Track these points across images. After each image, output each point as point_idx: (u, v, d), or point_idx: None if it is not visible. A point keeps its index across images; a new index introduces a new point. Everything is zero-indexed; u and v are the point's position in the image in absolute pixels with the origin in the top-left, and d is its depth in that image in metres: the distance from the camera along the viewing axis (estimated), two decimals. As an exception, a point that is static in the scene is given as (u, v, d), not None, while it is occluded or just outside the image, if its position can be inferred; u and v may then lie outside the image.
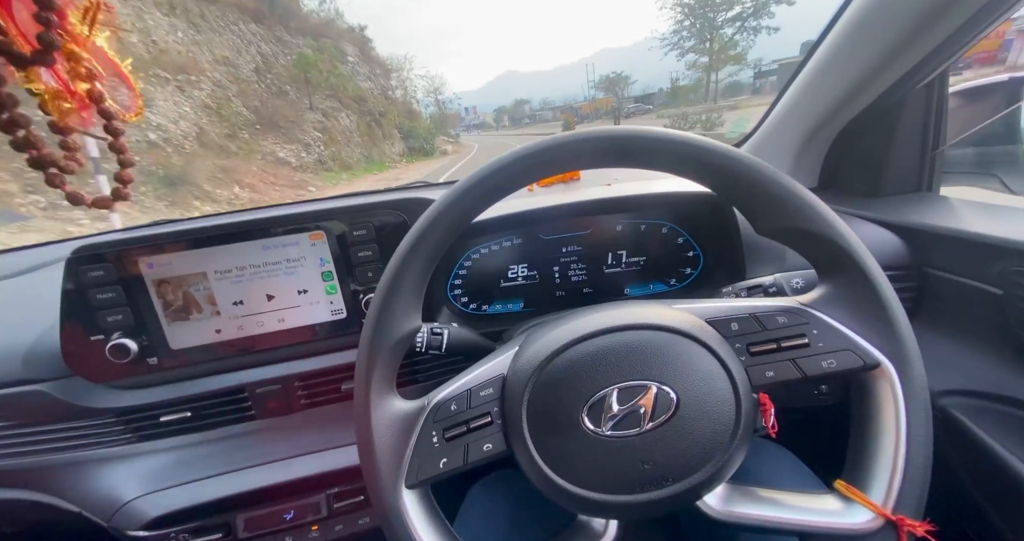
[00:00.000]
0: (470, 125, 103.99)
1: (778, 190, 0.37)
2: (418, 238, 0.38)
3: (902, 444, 0.34)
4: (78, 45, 0.38)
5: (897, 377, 0.34)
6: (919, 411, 0.34)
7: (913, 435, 0.34)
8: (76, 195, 0.39)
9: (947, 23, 0.55)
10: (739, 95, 39.53)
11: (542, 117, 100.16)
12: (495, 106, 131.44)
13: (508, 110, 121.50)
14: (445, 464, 0.36)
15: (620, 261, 0.72)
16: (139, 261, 0.57)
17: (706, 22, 38.74)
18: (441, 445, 0.37)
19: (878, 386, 0.35)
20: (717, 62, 39.29)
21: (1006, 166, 0.68)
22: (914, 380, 0.34)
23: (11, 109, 0.36)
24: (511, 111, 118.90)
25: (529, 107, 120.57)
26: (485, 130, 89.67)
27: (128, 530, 0.56)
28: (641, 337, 0.37)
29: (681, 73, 45.81)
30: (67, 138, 0.39)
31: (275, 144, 13.98)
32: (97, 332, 0.57)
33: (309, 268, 0.62)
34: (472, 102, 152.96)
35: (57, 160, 0.38)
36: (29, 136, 0.37)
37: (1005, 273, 0.53)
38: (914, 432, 0.34)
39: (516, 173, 0.38)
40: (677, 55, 41.68)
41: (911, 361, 0.35)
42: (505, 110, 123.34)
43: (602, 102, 74.82)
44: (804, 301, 0.38)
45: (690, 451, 0.34)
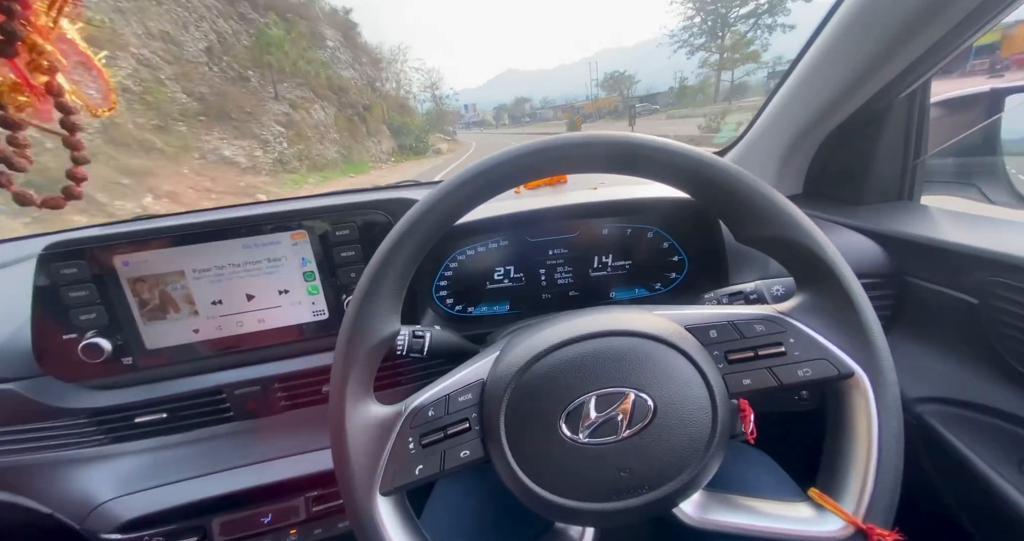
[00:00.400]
0: (469, 123, 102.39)
1: (758, 199, 0.37)
2: (399, 239, 0.37)
3: (873, 453, 0.34)
4: (42, 37, 0.37)
5: (870, 386, 0.35)
6: (891, 421, 0.34)
7: (885, 445, 0.34)
8: (24, 195, 0.38)
9: (929, 34, 0.56)
10: (753, 96, 37.62)
11: (543, 116, 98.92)
12: (495, 104, 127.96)
13: (508, 108, 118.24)
14: (421, 471, 0.35)
15: (606, 265, 0.72)
16: (114, 258, 0.56)
17: (718, 19, 37.35)
18: (417, 451, 0.36)
19: (852, 395, 0.36)
20: (730, 61, 38.05)
21: (985, 176, 0.69)
22: (887, 390, 0.35)
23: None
24: (511, 109, 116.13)
25: (530, 105, 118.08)
26: (485, 128, 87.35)
27: (101, 533, 0.55)
28: (620, 343, 0.37)
29: (691, 72, 44.52)
30: (17, 134, 0.38)
31: (221, 139, 11.50)
32: (70, 331, 0.56)
33: (290, 268, 0.61)
34: (472, 100, 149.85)
35: (8, 157, 0.37)
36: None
37: (981, 283, 0.53)
38: (886, 442, 0.34)
39: (500, 176, 0.38)
40: (687, 53, 40.36)
41: (884, 371, 0.35)
42: (505, 108, 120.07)
43: (605, 101, 73.36)
44: (781, 309, 0.38)
45: (667, 459, 0.34)
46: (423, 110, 44.25)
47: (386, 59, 32.58)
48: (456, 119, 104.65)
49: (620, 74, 75.98)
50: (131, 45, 10.82)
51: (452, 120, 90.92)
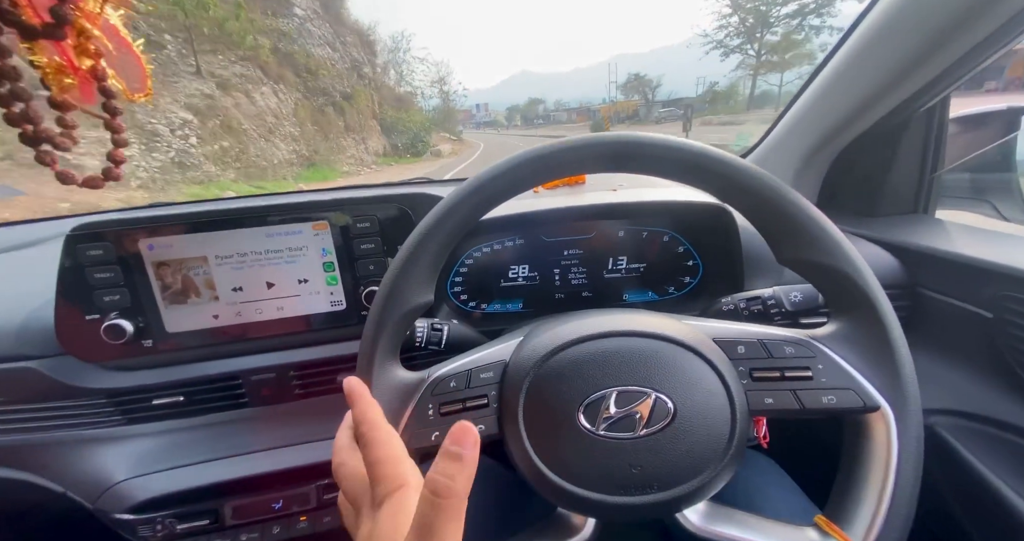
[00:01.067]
0: (480, 122, 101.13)
1: (804, 221, 0.37)
2: (442, 216, 0.39)
3: (888, 491, 0.34)
4: (90, 22, 0.38)
5: (895, 423, 0.35)
6: (910, 460, 0.34)
7: (901, 483, 0.34)
8: (66, 174, 0.39)
9: (951, 50, 0.57)
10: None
11: (556, 118, 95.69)
12: (508, 105, 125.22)
13: (521, 109, 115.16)
14: (436, 437, 0.37)
15: (620, 267, 0.73)
16: (140, 242, 0.57)
17: (758, 18, 33.47)
18: (436, 419, 0.37)
19: (874, 429, 0.36)
20: (769, 64, 34.77)
21: (1000, 193, 0.70)
22: (911, 429, 0.35)
23: (13, 82, 0.35)
24: (524, 110, 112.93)
25: (543, 107, 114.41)
26: (495, 128, 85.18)
27: (113, 513, 0.56)
28: (647, 345, 0.38)
29: (721, 76, 41.24)
30: (65, 115, 0.38)
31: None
32: (93, 311, 0.56)
33: (311, 258, 0.62)
34: (485, 100, 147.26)
35: (53, 137, 0.38)
36: (28, 110, 0.36)
37: (996, 297, 0.54)
38: (902, 480, 0.34)
39: (555, 164, 0.39)
40: (720, 55, 36.77)
41: (911, 409, 0.35)
42: (518, 109, 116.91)
43: (624, 105, 68.96)
44: (814, 335, 0.38)
45: (680, 462, 0.34)
46: (430, 107, 40.40)
47: (386, 46, 29.25)
48: (467, 118, 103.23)
49: (641, 76, 70.42)
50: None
51: (463, 119, 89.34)
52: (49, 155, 0.37)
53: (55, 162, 0.38)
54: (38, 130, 0.36)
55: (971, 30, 0.53)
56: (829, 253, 0.37)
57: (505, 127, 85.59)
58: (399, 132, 20.87)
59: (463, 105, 45.06)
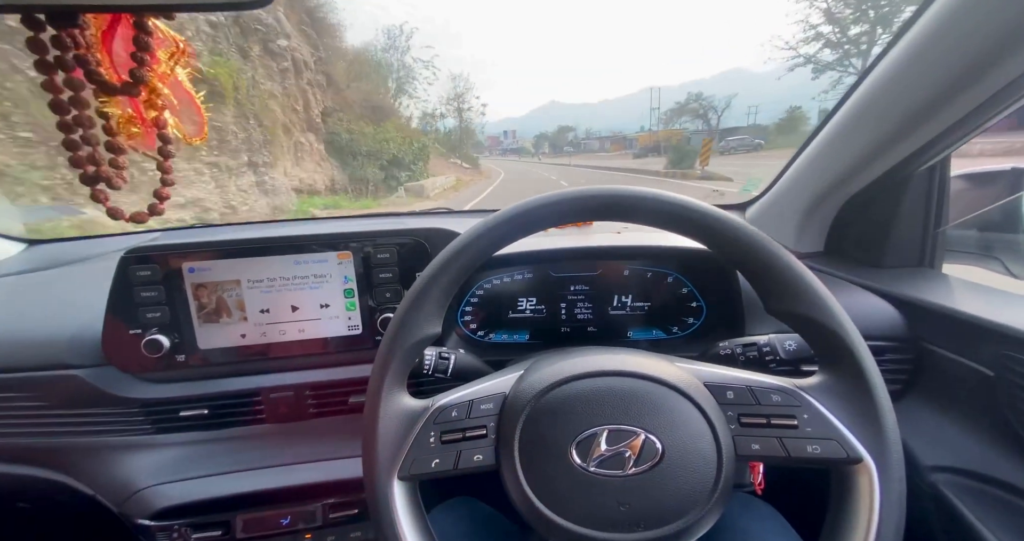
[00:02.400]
0: (507, 149, 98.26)
1: (791, 276, 0.39)
2: (454, 254, 0.42)
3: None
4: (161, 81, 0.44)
5: (877, 477, 0.36)
6: (892, 514, 0.35)
7: (883, 536, 0.35)
8: (116, 210, 0.44)
9: (952, 111, 0.59)
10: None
11: (587, 146, 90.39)
12: (537, 133, 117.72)
13: (550, 137, 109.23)
14: (436, 465, 0.39)
15: (625, 304, 0.75)
16: (183, 265, 0.63)
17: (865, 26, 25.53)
18: (437, 446, 0.39)
19: (858, 481, 0.37)
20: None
21: (1009, 251, 0.71)
22: (892, 482, 0.36)
23: (87, 129, 0.41)
24: (553, 138, 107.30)
25: (574, 135, 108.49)
26: (522, 156, 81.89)
27: (136, 518, 0.59)
28: (640, 386, 0.40)
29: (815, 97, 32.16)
30: (119, 158, 0.43)
31: None
32: (136, 326, 0.62)
33: (333, 284, 0.67)
34: (514, 128, 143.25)
35: (110, 177, 0.43)
36: (95, 154, 0.42)
37: (998, 356, 0.54)
38: (884, 533, 0.35)
39: (549, 214, 0.42)
40: (813, 72, 30.65)
41: (892, 463, 0.36)
42: (546, 137, 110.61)
43: (666, 135, 57.93)
44: (800, 385, 0.40)
45: (667, 503, 0.36)
46: (444, 128, 32.69)
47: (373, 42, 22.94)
48: (494, 145, 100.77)
49: (703, 98, 57.09)
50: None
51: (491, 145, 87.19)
52: (103, 193, 0.43)
53: (107, 199, 0.43)
54: (99, 171, 0.42)
55: (970, 93, 0.56)
56: (813, 306, 0.39)
57: (532, 155, 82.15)
58: (365, 156, 12.67)
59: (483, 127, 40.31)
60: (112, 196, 0.44)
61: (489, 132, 68.62)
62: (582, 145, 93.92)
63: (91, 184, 0.43)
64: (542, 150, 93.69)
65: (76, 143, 0.41)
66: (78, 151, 0.41)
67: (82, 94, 0.41)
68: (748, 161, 22.62)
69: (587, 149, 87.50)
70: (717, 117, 55.82)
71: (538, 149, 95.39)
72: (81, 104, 0.41)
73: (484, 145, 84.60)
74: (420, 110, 26.91)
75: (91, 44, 0.40)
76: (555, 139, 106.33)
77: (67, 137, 0.41)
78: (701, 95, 58.65)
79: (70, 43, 0.38)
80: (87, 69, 0.39)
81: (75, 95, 0.40)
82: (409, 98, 24.43)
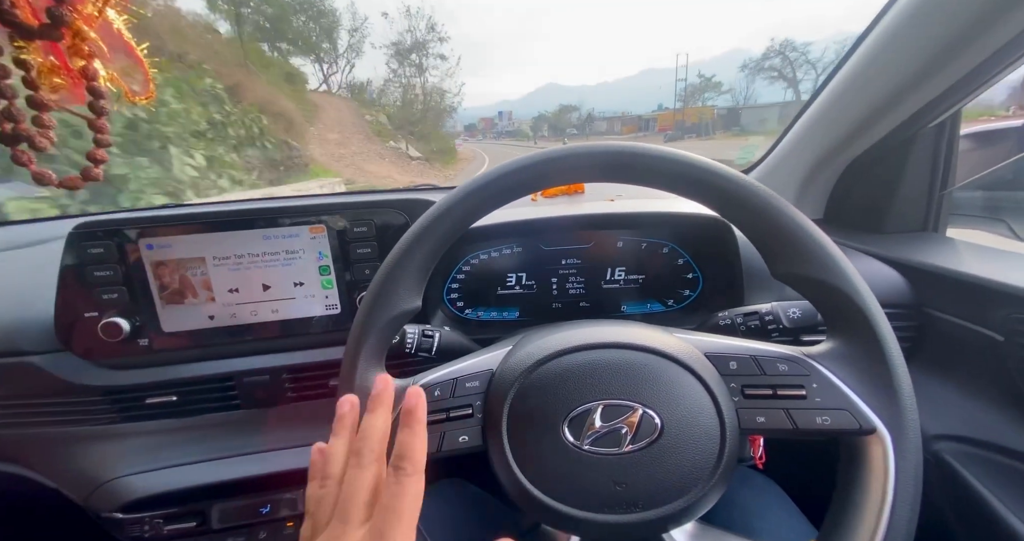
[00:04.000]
0: (502, 132, 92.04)
1: (801, 236, 0.36)
2: (432, 221, 0.38)
3: (884, 519, 0.32)
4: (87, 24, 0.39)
5: (891, 447, 0.33)
6: (908, 486, 0.33)
7: (898, 511, 0.32)
8: (42, 174, 0.39)
9: (960, 64, 0.56)
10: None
11: (594, 128, 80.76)
12: (535, 114, 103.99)
13: (550, 118, 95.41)
14: None
15: (619, 277, 0.72)
16: (139, 242, 0.58)
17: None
18: None
19: (870, 452, 0.34)
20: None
21: (1015, 212, 0.68)
22: (908, 452, 0.33)
23: (1, 80, 0.36)
24: (554, 119, 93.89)
25: (578, 115, 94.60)
26: (518, 139, 73.36)
27: (103, 511, 0.56)
28: (637, 358, 0.37)
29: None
30: (43, 114, 0.39)
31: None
32: (92, 309, 0.57)
33: (307, 261, 0.62)
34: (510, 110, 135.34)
35: (31, 136, 0.38)
36: (12, 108, 0.37)
37: (1008, 320, 0.52)
38: (899, 509, 0.32)
39: (538, 175, 0.38)
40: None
41: (908, 433, 0.34)
42: (546, 118, 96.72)
43: (692, 113, 53.36)
44: (809, 353, 0.37)
45: (666, 481, 0.33)
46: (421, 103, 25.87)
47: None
48: (488, 126, 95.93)
49: (792, 46, 45.05)
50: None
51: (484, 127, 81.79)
52: (25, 154, 0.37)
53: (32, 161, 0.38)
54: (18, 128, 0.36)
55: (980, 43, 0.52)
56: (825, 269, 0.36)
57: (529, 138, 73.40)
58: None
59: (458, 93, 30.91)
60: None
61: (484, 114, 65.96)
62: (588, 127, 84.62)
63: (10, 144, 0.37)
64: (540, 133, 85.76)
65: (-11, 97, 0.36)
66: (-7, 105, 0.36)
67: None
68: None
69: (594, 131, 79.21)
70: (815, 75, 41.21)
71: (536, 132, 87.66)
72: (-8, 50, 0.35)
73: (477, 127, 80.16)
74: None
75: (-1, -23, 0.34)
76: (556, 120, 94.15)
77: (-26, 89, 0.36)
78: (791, 44, 43.56)
79: (-28, -24, 0.33)
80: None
81: (-16, 39, 0.35)
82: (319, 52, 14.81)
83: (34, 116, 0.38)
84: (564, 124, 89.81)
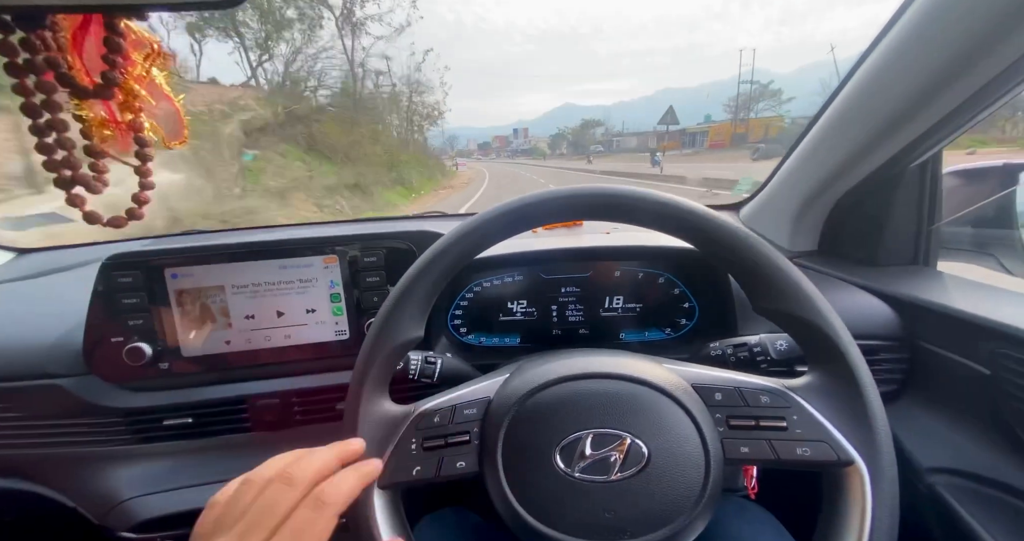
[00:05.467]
0: (517, 150, 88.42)
1: (777, 274, 0.38)
2: (435, 257, 0.41)
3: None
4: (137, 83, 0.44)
5: (868, 479, 0.35)
6: (884, 518, 0.34)
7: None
8: (93, 215, 0.43)
9: (938, 108, 0.58)
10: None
11: (624, 145, 70.58)
12: (553, 132, 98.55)
13: (570, 133, 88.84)
14: (418, 472, 0.38)
15: (617, 306, 0.74)
16: (165, 271, 0.62)
17: None
18: (418, 453, 0.38)
19: (850, 484, 0.36)
20: None
21: (1003, 247, 0.70)
22: (884, 485, 0.35)
23: (61, 133, 0.41)
24: (575, 135, 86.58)
25: (604, 131, 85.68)
26: (534, 158, 67.25)
27: (118, 530, 0.58)
28: (626, 388, 0.39)
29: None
30: (98, 162, 0.43)
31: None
32: (118, 334, 0.61)
33: (320, 289, 0.66)
34: (526, 127, 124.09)
35: (88, 181, 0.42)
36: (71, 157, 0.41)
37: (993, 354, 0.53)
38: (877, 538, 0.34)
39: (530, 215, 0.41)
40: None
41: (884, 466, 0.35)
42: (564, 135, 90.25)
43: (763, 123, 45.96)
44: (789, 385, 0.39)
45: (653, 509, 0.35)
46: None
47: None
48: (503, 145, 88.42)
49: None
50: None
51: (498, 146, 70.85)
52: (79, 197, 0.42)
53: (84, 203, 0.42)
54: (75, 175, 0.41)
55: (956, 87, 0.55)
56: (799, 304, 0.38)
57: (545, 158, 65.83)
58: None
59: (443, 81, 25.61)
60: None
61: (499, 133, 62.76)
62: (615, 143, 74.19)
63: (66, 188, 0.42)
64: (559, 151, 78.45)
65: (50, 147, 0.41)
66: (52, 155, 0.41)
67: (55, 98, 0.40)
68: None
69: (623, 148, 68.19)
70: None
71: (554, 150, 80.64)
72: (54, 107, 0.40)
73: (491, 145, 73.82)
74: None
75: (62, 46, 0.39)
76: (578, 137, 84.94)
77: (40, 141, 0.40)
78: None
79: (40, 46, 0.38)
80: (58, 72, 0.39)
81: (47, 98, 0.39)
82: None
83: (90, 163, 0.43)
84: (587, 141, 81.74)
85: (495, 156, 65.71)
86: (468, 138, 67.29)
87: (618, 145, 72.26)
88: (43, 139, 0.40)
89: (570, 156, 67.69)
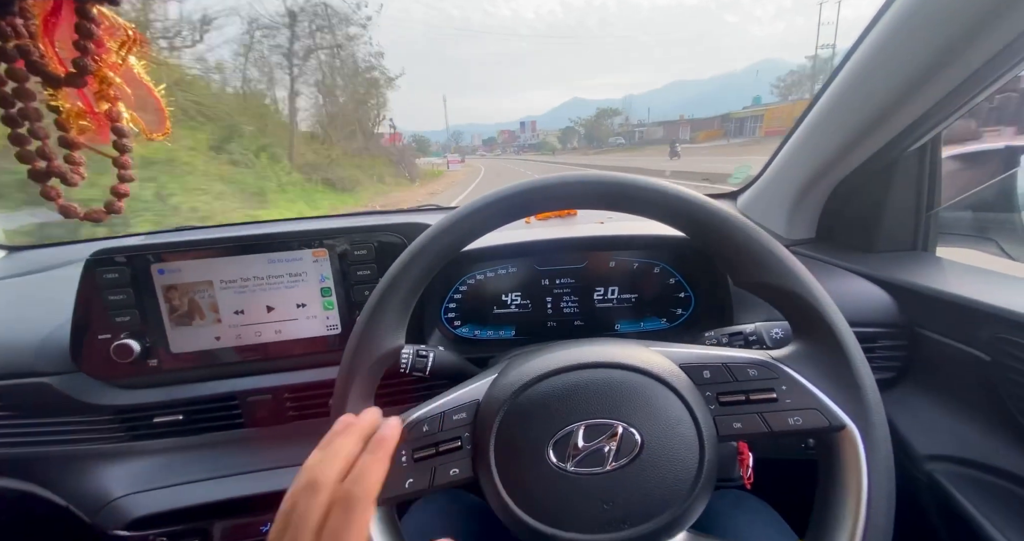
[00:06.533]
0: (524, 145, 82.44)
1: (753, 246, 0.38)
2: (410, 260, 0.40)
3: (862, 513, 0.33)
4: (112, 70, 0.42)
5: (861, 442, 0.35)
6: (881, 479, 0.34)
7: (874, 504, 0.33)
8: (68, 208, 0.42)
9: (938, 88, 0.57)
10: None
11: (649, 136, 60.50)
12: (563, 126, 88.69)
13: (584, 124, 79.25)
14: (411, 484, 0.37)
15: (612, 296, 0.73)
16: (152, 266, 0.61)
17: None
18: (409, 465, 0.37)
19: (843, 449, 0.35)
20: None
21: (1004, 232, 0.69)
22: (878, 446, 0.34)
23: (34, 122, 0.40)
24: (590, 126, 77.79)
25: (622, 120, 74.75)
26: (543, 153, 60.51)
27: (110, 529, 0.57)
28: (612, 375, 0.38)
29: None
30: (74, 153, 0.41)
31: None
32: (105, 331, 0.60)
33: (310, 283, 0.65)
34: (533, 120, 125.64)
35: (64, 173, 0.41)
36: (44, 148, 0.40)
37: (994, 340, 0.52)
38: (875, 501, 0.33)
39: (512, 207, 0.40)
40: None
41: (875, 427, 0.35)
42: (575, 129, 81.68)
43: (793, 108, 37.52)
44: (776, 356, 0.39)
45: (651, 495, 0.34)
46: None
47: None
48: (509, 139, 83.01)
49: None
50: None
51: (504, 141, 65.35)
52: (54, 190, 0.40)
53: (59, 196, 0.41)
54: (51, 167, 0.40)
55: (951, 69, 0.54)
56: (780, 275, 0.37)
57: (554, 153, 58.97)
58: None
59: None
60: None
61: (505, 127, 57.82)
62: (637, 134, 62.39)
63: (41, 180, 0.40)
64: (571, 145, 70.35)
65: (23, 138, 0.39)
66: (26, 146, 0.39)
67: (27, 86, 0.39)
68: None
69: (647, 139, 57.13)
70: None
71: (565, 144, 72.61)
72: (26, 96, 0.39)
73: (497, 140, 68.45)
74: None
75: (33, 34, 0.38)
76: (593, 128, 75.30)
77: (13, 131, 0.39)
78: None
79: (10, 33, 0.37)
80: (28, 60, 0.38)
81: (19, 86, 0.38)
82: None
83: (66, 155, 0.42)
84: (604, 133, 72.79)
85: (500, 152, 61.94)
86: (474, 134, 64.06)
87: (641, 136, 61.28)
88: (16, 129, 0.39)
89: (585, 150, 60.07)
